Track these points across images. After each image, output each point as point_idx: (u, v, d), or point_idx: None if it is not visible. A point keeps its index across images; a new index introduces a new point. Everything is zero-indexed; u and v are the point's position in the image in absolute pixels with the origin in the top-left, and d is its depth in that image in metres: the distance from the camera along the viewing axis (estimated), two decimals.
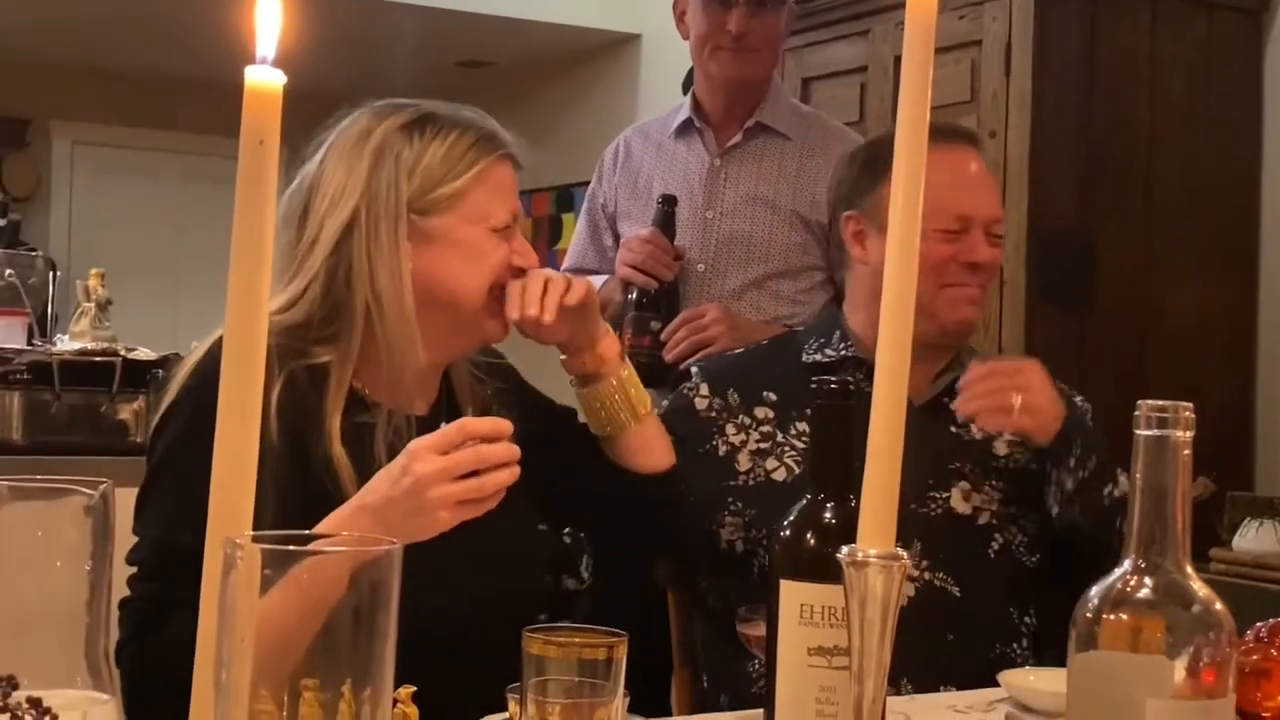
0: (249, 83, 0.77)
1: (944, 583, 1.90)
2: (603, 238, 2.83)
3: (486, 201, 1.62)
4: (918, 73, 0.95)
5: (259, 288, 0.77)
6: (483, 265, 1.62)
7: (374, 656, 0.68)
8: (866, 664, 0.94)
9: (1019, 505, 1.94)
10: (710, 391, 2.01)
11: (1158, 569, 0.89)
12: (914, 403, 1.94)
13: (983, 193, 1.99)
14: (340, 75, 7.05)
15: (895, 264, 0.95)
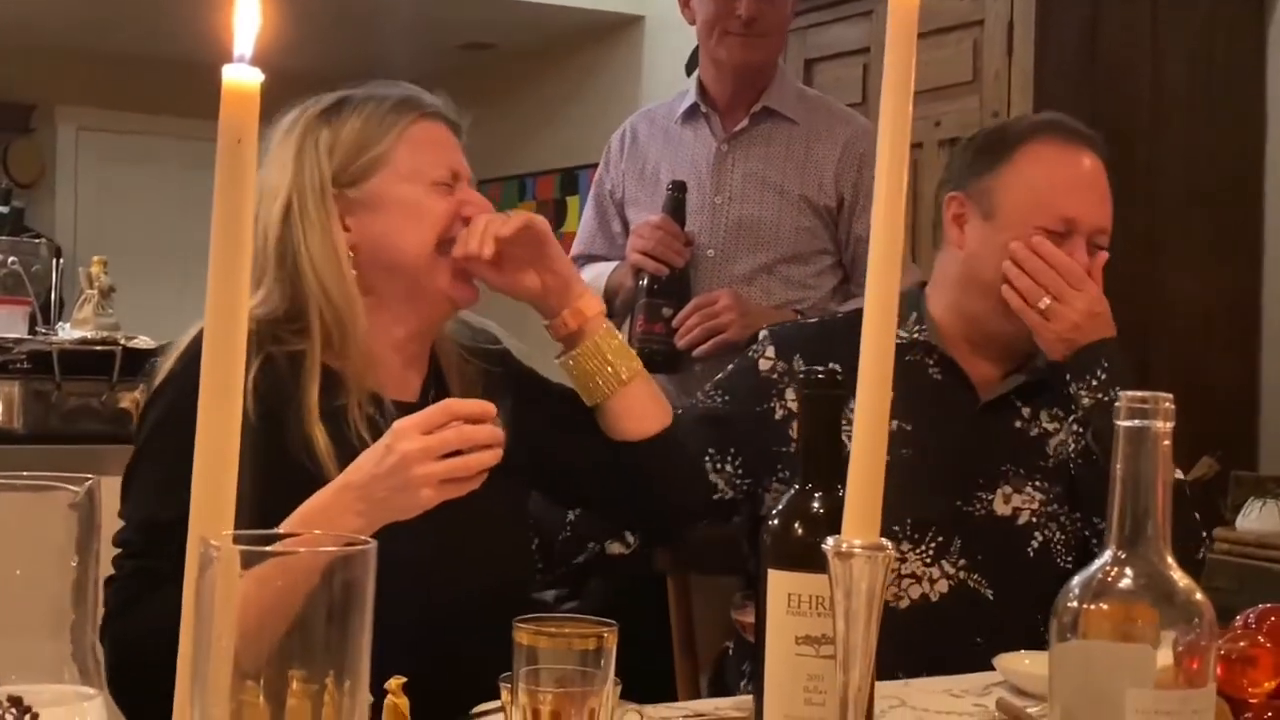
0: (226, 81, 0.78)
1: (978, 584, 1.89)
2: (610, 224, 2.83)
3: (414, 157, 1.63)
4: (901, 61, 0.95)
5: (238, 287, 0.78)
6: (424, 221, 1.63)
7: (349, 651, 0.68)
8: (852, 653, 0.94)
9: (1060, 504, 1.93)
10: (776, 354, 1.99)
11: (1139, 559, 0.89)
12: (981, 399, 1.95)
13: (1095, 198, 1.94)
14: (342, 59, 7.05)
15: (879, 253, 0.95)
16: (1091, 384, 1.88)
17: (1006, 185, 1.92)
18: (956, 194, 1.96)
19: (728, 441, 1.95)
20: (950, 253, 1.98)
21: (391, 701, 1.09)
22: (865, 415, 0.93)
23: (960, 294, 1.96)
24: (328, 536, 0.69)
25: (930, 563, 1.88)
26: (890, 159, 0.94)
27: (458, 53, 6.82)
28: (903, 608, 1.87)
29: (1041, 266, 1.87)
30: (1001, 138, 1.96)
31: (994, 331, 1.93)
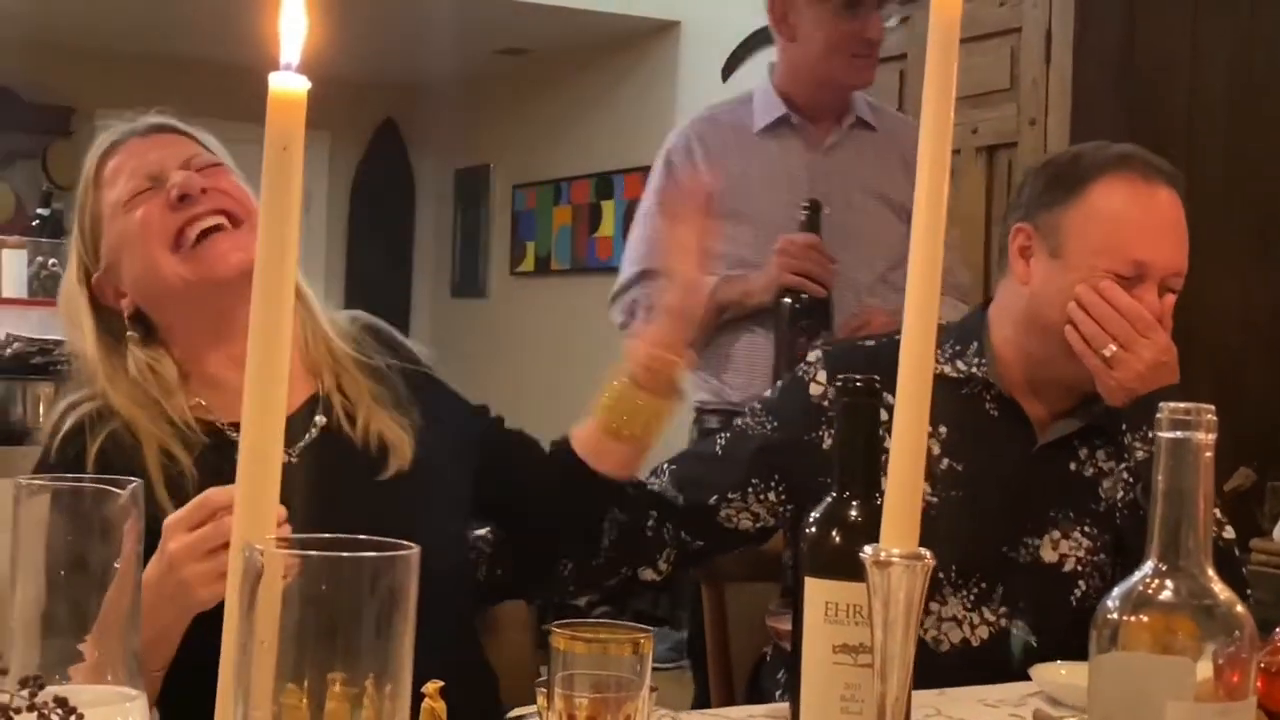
0: (273, 89, 0.78)
1: (1021, 632, 1.83)
2: None
3: (108, 192, 1.63)
4: (942, 73, 0.95)
5: (284, 292, 0.78)
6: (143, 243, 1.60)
7: (392, 655, 0.69)
8: (889, 662, 0.94)
9: (1107, 554, 1.86)
10: (828, 379, 1.90)
11: (1179, 571, 0.89)
12: (1038, 440, 1.88)
13: (1169, 241, 1.83)
14: (378, 63, 7.09)
15: (919, 261, 0.95)
16: (1148, 435, 1.79)
17: (1076, 224, 1.83)
18: (1024, 225, 1.87)
19: (773, 469, 1.89)
20: (1014, 286, 1.89)
21: (429, 705, 1.10)
22: (904, 422, 0.93)
23: (1023, 331, 1.88)
24: (371, 541, 0.69)
25: (971, 608, 1.83)
26: (931, 167, 0.94)
27: (494, 58, 6.84)
28: (942, 651, 1.83)
29: (1109, 313, 1.79)
30: (1074, 171, 1.86)
31: (1057, 372, 1.86)
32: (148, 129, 1.68)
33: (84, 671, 0.86)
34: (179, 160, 1.63)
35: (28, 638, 0.84)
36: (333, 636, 0.68)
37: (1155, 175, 1.84)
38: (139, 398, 1.58)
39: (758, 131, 2.73)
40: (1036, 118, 3.53)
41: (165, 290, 1.60)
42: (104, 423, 1.56)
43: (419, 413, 1.68)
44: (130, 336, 1.61)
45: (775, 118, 2.72)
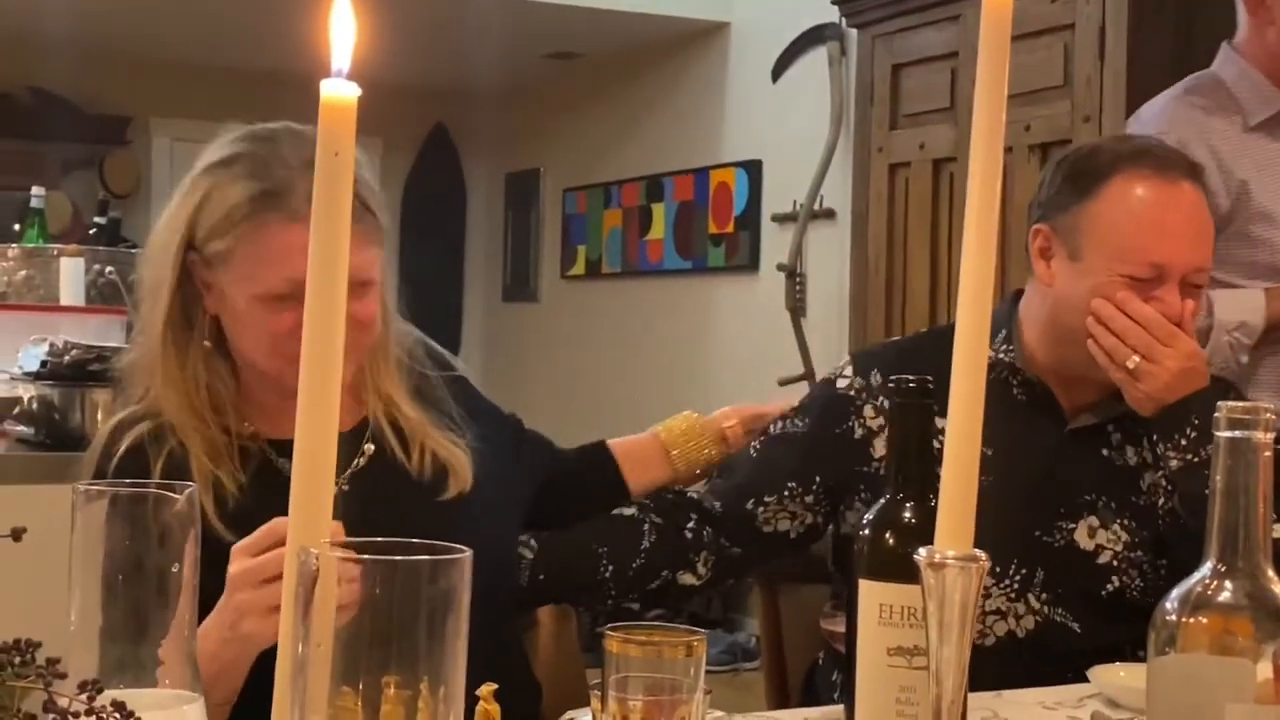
0: (324, 96, 0.79)
1: (1064, 618, 1.81)
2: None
3: (251, 266, 1.52)
4: (995, 71, 0.94)
5: (336, 298, 0.79)
6: (250, 334, 1.54)
7: (446, 657, 0.69)
8: (945, 665, 0.93)
9: (1144, 550, 1.83)
10: (854, 372, 1.91)
11: (1238, 571, 0.88)
12: (1069, 423, 1.86)
13: (1189, 239, 1.79)
14: (428, 69, 7.13)
15: (972, 261, 0.94)
16: (1180, 443, 1.77)
17: (1092, 226, 1.79)
18: (1042, 227, 1.84)
19: (809, 469, 1.88)
20: (1037, 287, 1.87)
21: (483, 708, 1.10)
22: (958, 424, 0.93)
23: (1048, 332, 1.86)
24: (423, 545, 0.69)
25: (1015, 598, 1.81)
26: (984, 165, 0.94)
27: (543, 62, 6.86)
28: (989, 645, 1.81)
29: (1128, 325, 1.75)
30: (1090, 167, 1.82)
31: (1084, 373, 1.83)
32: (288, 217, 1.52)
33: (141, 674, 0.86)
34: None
35: (86, 643, 0.85)
36: (387, 640, 0.68)
37: (1171, 170, 1.79)
38: (189, 407, 1.55)
39: (1245, 129, 2.50)
40: (1091, 115, 3.50)
41: (241, 353, 1.57)
42: (162, 442, 1.54)
43: (470, 430, 1.68)
44: (205, 347, 1.57)
45: (1273, 113, 2.48)
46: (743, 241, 5.96)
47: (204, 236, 1.54)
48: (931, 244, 4.16)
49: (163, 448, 1.54)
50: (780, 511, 1.88)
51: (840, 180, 5.18)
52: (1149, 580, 1.83)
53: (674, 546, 1.83)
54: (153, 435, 1.55)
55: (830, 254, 5.35)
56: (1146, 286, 1.77)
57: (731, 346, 5.96)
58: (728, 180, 6.04)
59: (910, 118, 4.20)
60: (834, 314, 5.23)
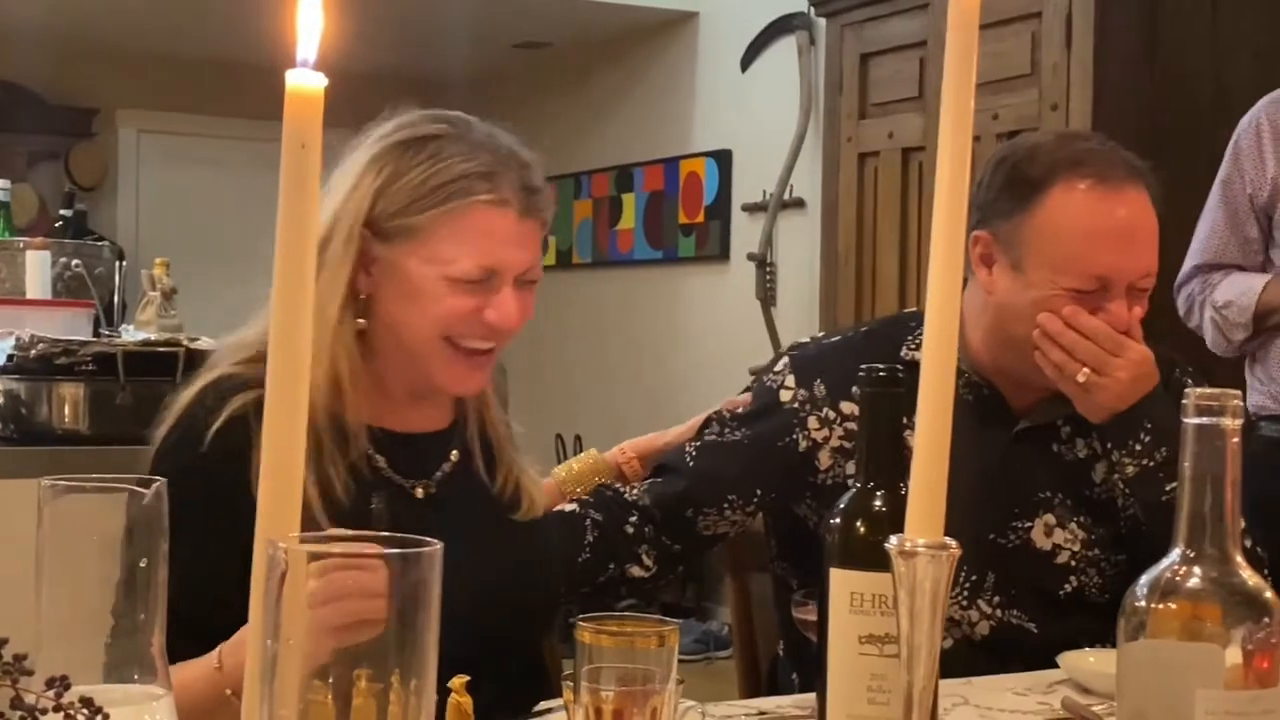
0: (290, 87, 0.78)
1: (1020, 619, 1.81)
2: (1245, 229, 2.63)
3: (448, 245, 1.49)
4: (962, 61, 0.94)
5: (303, 290, 0.78)
6: (426, 312, 1.50)
7: (418, 650, 0.69)
8: (916, 652, 0.94)
9: (1102, 548, 1.82)
10: (796, 382, 1.87)
11: (1207, 557, 0.88)
12: (1019, 422, 1.85)
13: (1134, 247, 1.75)
14: (396, 59, 7.09)
15: (940, 250, 0.94)
16: (1135, 449, 1.76)
17: (1033, 238, 1.75)
18: (982, 234, 1.79)
19: (749, 482, 1.85)
20: (979, 292, 1.81)
21: (455, 700, 1.10)
22: (927, 412, 0.93)
23: (993, 337, 1.83)
24: (394, 538, 0.69)
25: (967, 605, 1.80)
26: (952, 156, 0.94)
27: (513, 52, 6.84)
28: (946, 648, 1.81)
29: (1075, 339, 1.72)
30: (1030, 175, 1.76)
31: (1030, 379, 1.81)
32: (527, 212, 1.53)
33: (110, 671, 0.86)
34: (520, 267, 1.53)
35: (53, 639, 0.85)
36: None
37: (1111, 176, 1.74)
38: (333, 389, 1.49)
39: None
40: (1058, 103, 3.52)
41: (400, 338, 1.53)
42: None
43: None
44: (359, 323, 1.52)
45: None
46: (713, 231, 5.97)
47: (390, 212, 1.49)
48: (901, 233, 4.17)
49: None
50: (720, 520, 1.87)
51: (810, 170, 5.19)
52: (1107, 578, 1.82)
53: (617, 541, 1.82)
54: (258, 407, 1.50)
55: (800, 243, 5.36)
56: (1092, 298, 1.74)
57: (702, 336, 5.96)
58: (698, 170, 6.04)
59: (879, 107, 4.21)
60: (804, 303, 5.24)
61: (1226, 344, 2.66)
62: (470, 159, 1.50)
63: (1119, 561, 1.83)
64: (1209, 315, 2.67)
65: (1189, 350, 2.74)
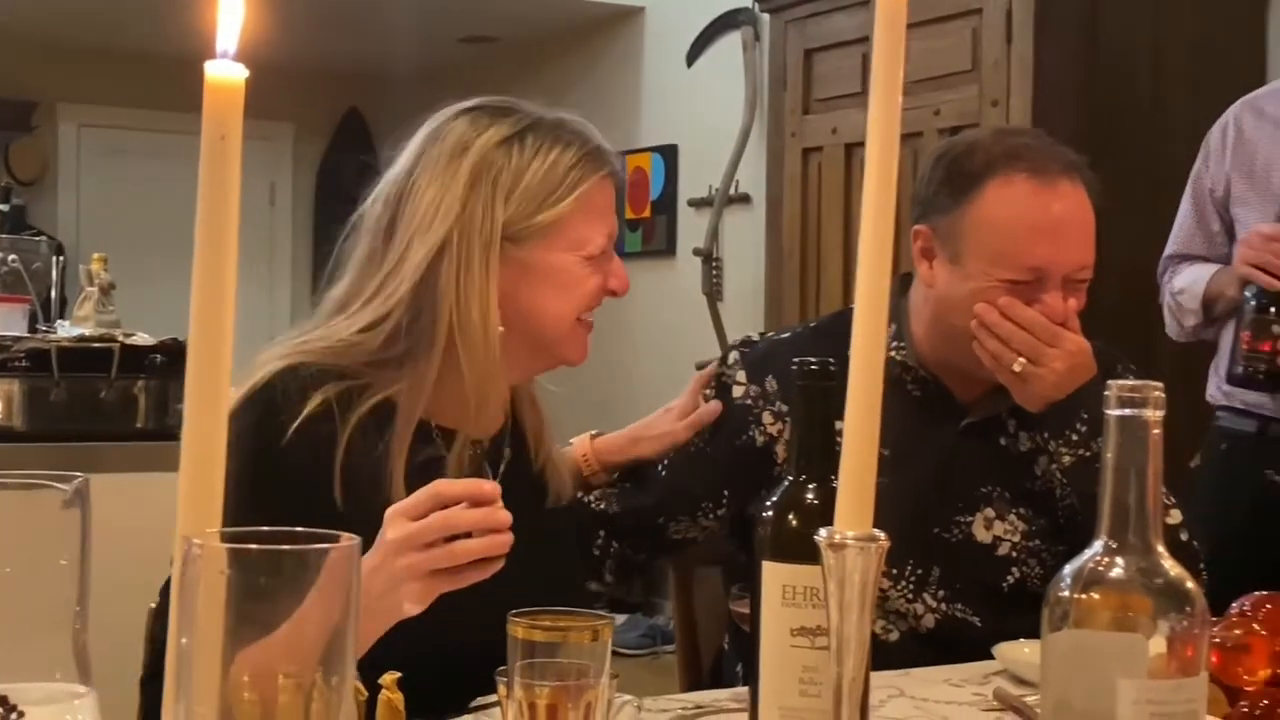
0: (209, 77, 0.77)
1: (964, 613, 1.83)
2: (1209, 223, 2.69)
3: (584, 227, 1.54)
4: (890, 59, 0.94)
5: (224, 285, 0.77)
6: (573, 295, 1.56)
7: (336, 647, 0.68)
8: (845, 644, 0.94)
9: (1042, 539, 1.84)
10: (748, 378, 1.89)
11: (1130, 548, 0.89)
12: (966, 416, 1.87)
13: (1069, 240, 1.77)
14: (341, 53, 7.06)
15: (869, 252, 0.94)
16: (1071, 439, 1.78)
17: (970, 231, 1.78)
18: (922, 228, 1.83)
19: (717, 485, 1.87)
20: (921, 286, 1.86)
21: (386, 697, 1.09)
22: (856, 405, 0.93)
23: (934, 330, 1.86)
24: (311, 533, 0.69)
25: (913, 598, 1.82)
26: (881, 152, 0.94)
27: (459, 46, 6.82)
28: (893, 640, 1.83)
29: (1012, 329, 1.75)
30: (967, 168, 1.80)
31: (972, 370, 1.83)
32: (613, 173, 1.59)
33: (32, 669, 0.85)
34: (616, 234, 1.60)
35: None
36: (274, 630, 0.68)
37: (1047, 170, 1.77)
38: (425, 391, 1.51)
39: None
40: (999, 99, 3.54)
41: (533, 329, 1.55)
42: (351, 409, 1.48)
43: None
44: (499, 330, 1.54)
45: None
46: (659, 226, 5.97)
47: (526, 212, 1.52)
48: (845, 227, 4.19)
49: (350, 416, 1.48)
50: (692, 526, 1.89)
51: (755, 165, 5.20)
52: (1048, 569, 1.83)
53: (583, 558, 1.82)
54: (341, 399, 1.49)
55: (746, 238, 5.37)
56: (1028, 289, 1.76)
57: (648, 331, 5.96)
58: (644, 165, 6.04)
59: (822, 102, 4.22)
60: (750, 298, 5.25)
61: (1180, 329, 2.74)
62: (569, 142, 1.54)
63: (1060, 552, 1.84)
64: (1167, 301, 2.75)
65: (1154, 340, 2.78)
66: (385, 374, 1.51)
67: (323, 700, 0.73)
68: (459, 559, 1.29)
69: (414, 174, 1.54)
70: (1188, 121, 3.54)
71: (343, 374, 1.50)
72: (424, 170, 1.53)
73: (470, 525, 1.29)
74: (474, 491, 1.31)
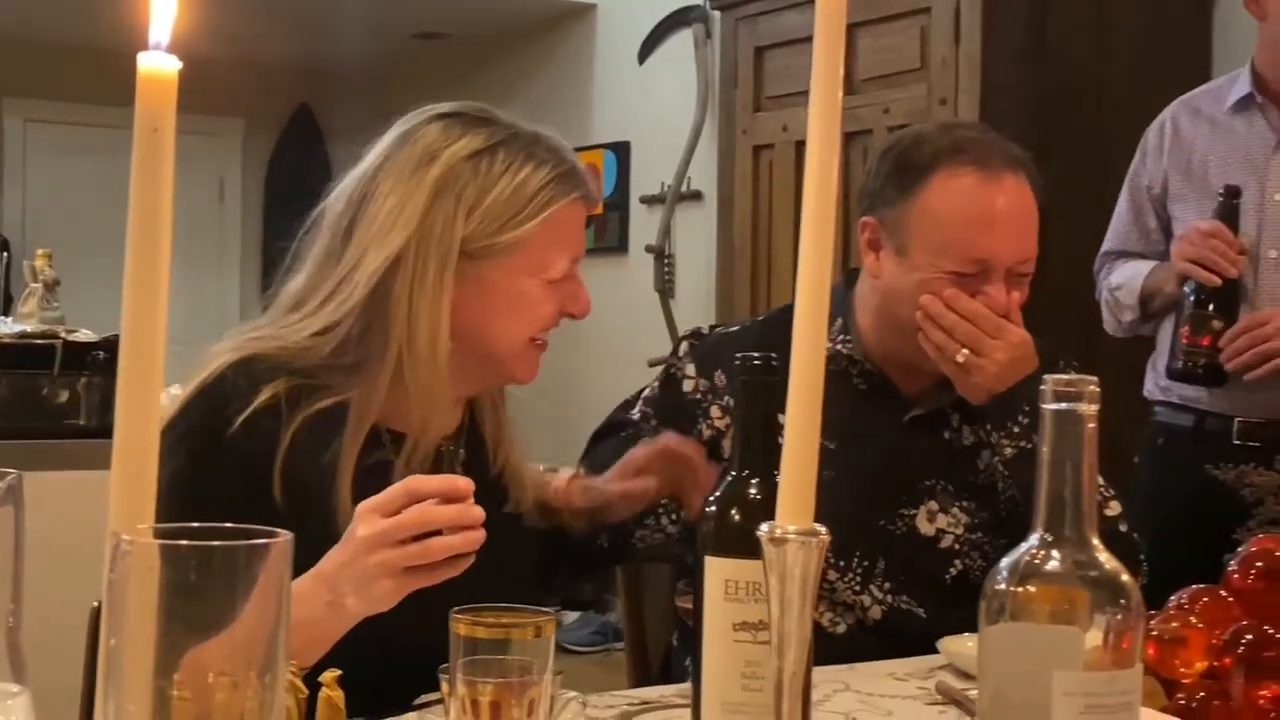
0: (141, 69, 0.77)
1: (909, 605, 1.84)
2: (1146, 220, 2.72)
3: (548, 250, 1.51)
4: (830, 56, 0.95)
5: (157, 280, 0.76)
6: (528, 317, 1.53)
7: (267, 644, 0.68)
8: (786, 639, 0.94)
9: (984, 531, 1.86)
10: (697, 371, 1.91)
11: (1065, 541, 0.89)
12: (911, 410, 1.88)
13: (1011, 232, 1.80)
14: (292, 49, 7.02)
15: (809, 246, 0.95)
16: (1013, 431, 1.80)
17: (916, 223, 1.81)
18: (869, 220, 1.86)
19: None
20: (868, 280, 1.89)
21: (326, 694, 1.09)
22: (797, 400, 0.93)
23: (880, 322, 1.88)
24: (243, 529, 0.68)
25: (860, 589, 1.84)
26: (821, 149, 0.94)
27: (410, 42, 6.79)
28: (840, 633, 1.84)
29: (955, 320, 1.77)
30: (914, 161, 1.83)
31: (918, 362, 1.85)
32: (585, 196, 1.56)
33: None
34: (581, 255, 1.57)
35: None
36: (204, 626, 0.67)
37: (991, 163, 1.80)
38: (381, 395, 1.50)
39: (1224, 111, 2.62)
40: (947, 97, 3.55)
41: (484, 346, 1.53)
42: (299, 408, 1.47)
43: None
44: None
45: (1241, 95, 2.60)
46: (611, 223, 5.96)
47: (487, 230, 1.49)
48: (796, 224, 4.16)
49: (297, 414, 1.47)
50: (657, 529, 1.87)
51: (707, 162, 5.21)
52: (990, 561, 1.81)
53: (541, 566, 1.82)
54: (290, 395, 1.48)
55: (698, 235, 5.38)
56: (972, 281, 1.79)
57: (601, 327, 5.94)
58: (596, 162, 6.04)
59: (773, 100, 4.23)
60: (702, 295, 5.25)
61: (1117, 325, 2.78)
62: (542, 160, 1.51)
63: (1002, 545, 1.85)
64: (1105, 297, 2.78)
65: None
66: (338, 378, 1.50)
67: (256, 699, 0.73)
68: (434, 556, 1.29)
69: (378, 177, 1.52)
70: (1133, 120, 3.56)
71: (295, 371, 1.49)
72: (389, 174, 1.51)
73: (444, 522, 1.29)
74: (448, 488, 1.30)
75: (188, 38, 0.78)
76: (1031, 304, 1.85)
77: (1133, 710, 0.89)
